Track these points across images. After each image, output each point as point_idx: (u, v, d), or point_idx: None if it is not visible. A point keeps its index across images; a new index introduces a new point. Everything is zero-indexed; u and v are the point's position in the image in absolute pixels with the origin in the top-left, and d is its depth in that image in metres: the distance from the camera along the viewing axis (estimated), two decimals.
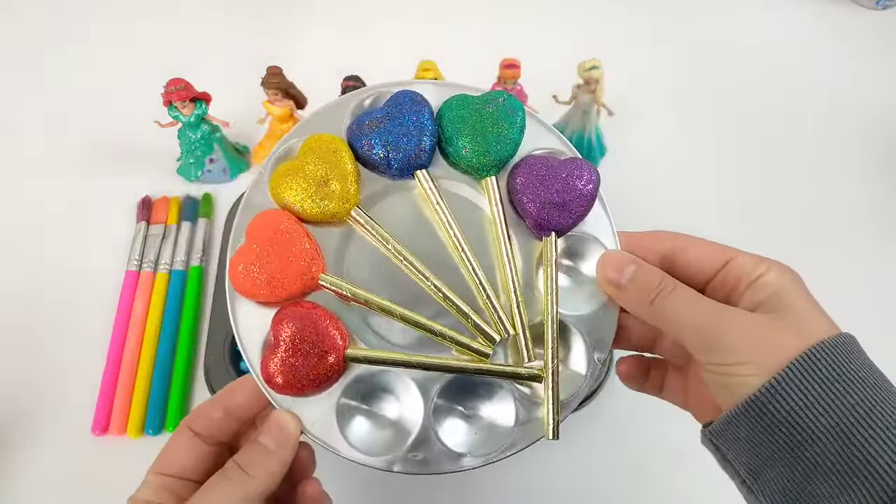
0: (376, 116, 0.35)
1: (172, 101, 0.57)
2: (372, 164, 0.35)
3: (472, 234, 0.35)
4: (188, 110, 0.58)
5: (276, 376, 0.32)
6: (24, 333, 0.56)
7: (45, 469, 0.50)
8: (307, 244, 0.33)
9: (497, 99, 0.36)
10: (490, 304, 0.34)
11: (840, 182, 0.66)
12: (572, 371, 0.35)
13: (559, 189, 0.35)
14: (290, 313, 0.32)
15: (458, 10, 0.79)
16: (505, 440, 0.33)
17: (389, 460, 0.32)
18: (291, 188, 0.34)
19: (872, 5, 0.79)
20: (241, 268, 0.33)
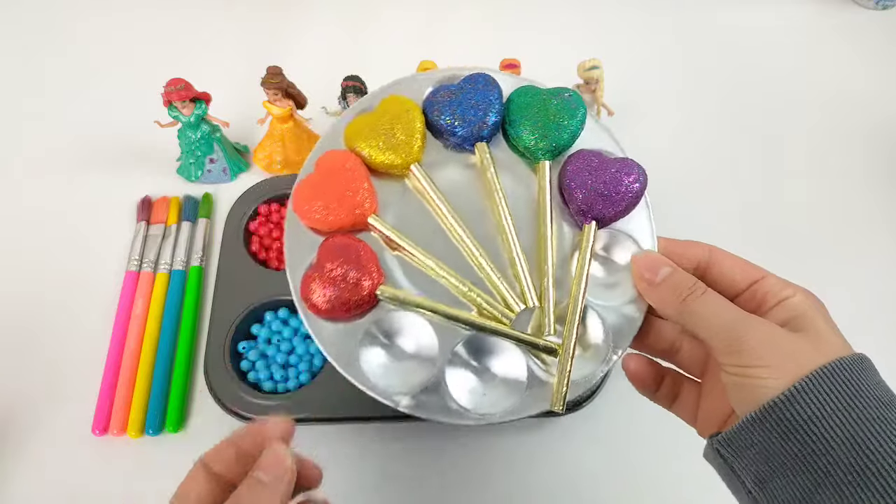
0: (451, 89, 0.39)
1: (172, 100, 0.57)
2: (439, 130, 0.38)
3: (517, 212, 0.37)
4: (188, 110, 0.58)
5: (313, 295, 0.34)
6: (25, 333, 0.56)
7: (46, 469, 0.50)
8: (365, 184, 0.37)
9: (563, 94, 0.39)
10: (522, 275, 0.36)
11: (842, 182, 0.66)
12: (589, 355, 0.36)
13: (607, 181, 0.36)
14: (336, 241, 0.36)
15: (458, 10, 0.79)
16: (510, 405, 0.34)
17: (397, 398, 0.34)
18: (363, 136, 0.37)
19: (872, 5, 0.79)
20: (304, 192, 0.37)
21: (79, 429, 0.51)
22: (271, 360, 0.53)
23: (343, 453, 0.51)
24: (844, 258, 0.58)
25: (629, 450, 0.52)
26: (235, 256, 0.57)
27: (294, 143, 0.62)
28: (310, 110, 0.61)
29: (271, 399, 0.51)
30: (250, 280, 0.56)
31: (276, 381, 0.52)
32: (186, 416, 0.52)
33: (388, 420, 0.51)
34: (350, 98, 0.57)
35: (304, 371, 0.52)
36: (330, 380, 0.51)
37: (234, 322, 0.53)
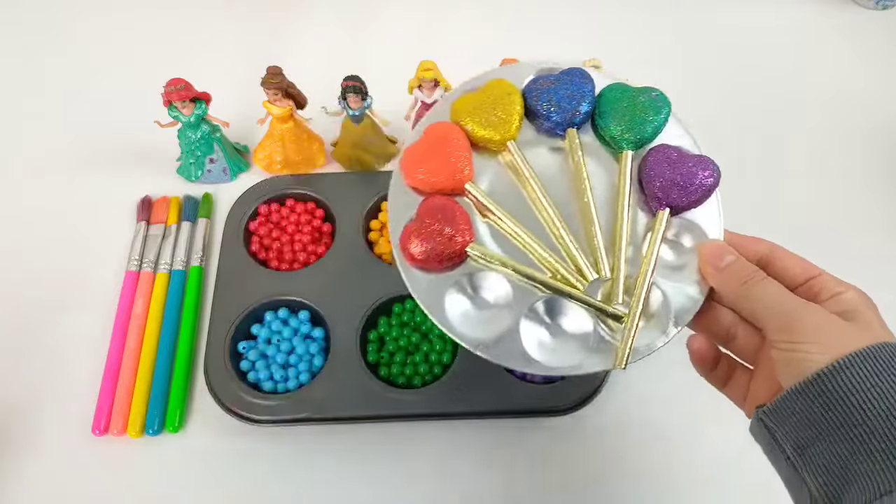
0: (550, 79, 0.43)
1: (172, 100, 0.57)
2: (535, 114, 0.42)
3: (597, 194, 0.41)
4: (188, 110, 0.58)
5: (411, 246, 0.38)
6: (25, 333, 0.56)
7: (46, 469, 0.50)
8: (466, 154, 0.41)
9: (651, 92, 0.42)
10: (599, 248, 0.39)
11: (842, 182, 0.66)
12: (651, 325, 0.39)
13: (683, 173, 0.40)
14: (436, 200, 0.40)
15: (458, 10, 0.79)
16: (575, 361, 0.38)
17: (475, 343, 0.38)
18: (468, 112, 0.42)
19: (872, 5, 0.79)
20: (412, 155, 0.41)
21: (79, 429, 0.51)
22: (271, 360, 0.53)
23: (343, 453, 0.51)
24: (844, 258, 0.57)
25: (629, 449, 0.52)
26: (235, 256, 0.57)
27: (294, 143, 0.62)
28: (310, 110, 0.61)
29: (271, 399, 0.51)
30: (250, 280, 0.56)
31: (276, 381, 0.52)
32: (186, 417, 0.52)
33: (387, 420, 0.51)
34: (350, 98, 0.57)
35: (304, 371, 0.52)
36: (330, 380, 0.51)
37: (234, 322, 0.53)
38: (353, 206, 0.60)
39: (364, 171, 0.63)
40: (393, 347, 0.53)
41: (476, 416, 0.51)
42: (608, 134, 0.42)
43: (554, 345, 0.39)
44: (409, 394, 0.51)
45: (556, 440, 0.52)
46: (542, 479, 0.50)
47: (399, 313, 0.55)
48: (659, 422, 0.53)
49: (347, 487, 0.50)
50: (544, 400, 0.50)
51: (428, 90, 0.58)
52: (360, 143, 0.61)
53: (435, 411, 0.50)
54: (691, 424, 0.53)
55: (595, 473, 0.51)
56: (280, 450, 0.51)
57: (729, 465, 0.51)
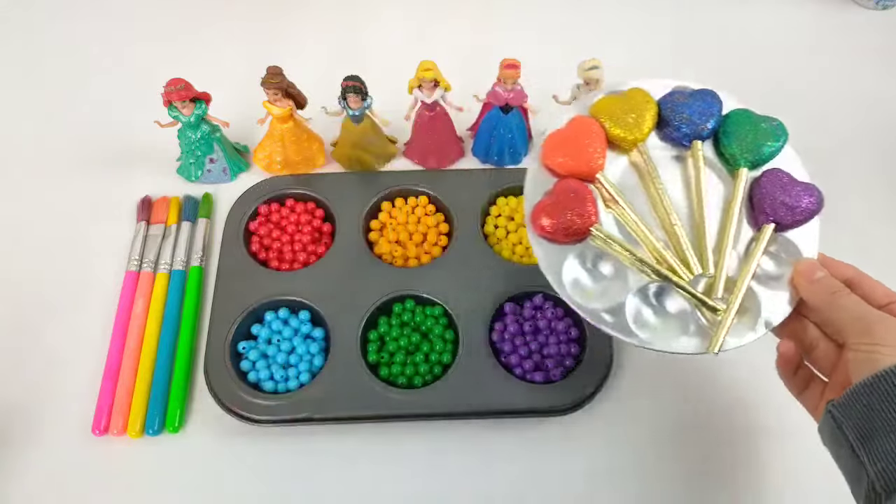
0: (685, 94, 0.48)
1: (172, 100, 0.57)
2: (667, 123, 0.48)
3: (709, 201, 0.46)
4: (188, 110, 0.58)
5: (542, 217, 0.44)
6: (25, 333, 0.56)
7: (46, 469, 0.50)
8: (601, 147, 0.46)
9: (772, 121, 0.48)
10: (706, 248, 0.44)
11: (842, 182, 0.65)
12: (744, 321, 0.44)
13: (791, 196, 0.45)
14: (570, 182, 0.45)
15: (458, 10, 0.79)
16: (672, 342, 0.43)
17: (583, 307, 0.44)
18: (606, 112, 0.47)
19: (872, 5, 0.79)
20: (554, 140, 0.47)
21: (79, 429, 0.51)
22: (271, 359, 0.53)
23: (343, 452, 0.51)
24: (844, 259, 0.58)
25: (628, 449, 0.52)
26: (236, 256, 0.57)
27: (294, 144, 0.62)
28: (310, 110, 0.61)
29: (271, 399, 0.51)
30: (250, 280, 0.56)
31: (277, 381, 0.52)
32: (187, 417, 0.52)
33: (388, 419, 0.51)
34: (350, 98, 0.57)
35: (305, 371, 0.52)
36: (330, 380, 0.51)
37: (235, 322, 0.53)
38: (353, 206, 0.60)
39: (364, 171, 0.63)
40: (393, 347, 0.53)
41: (476, 416, 0.51)
42: (728, 151, 0.47)
43: (655, 324, 0.44)
44: (410, 394, 0.51)
45: (557, 440, 0.52)
46: (543, 478, 0.50)
47: (399, 313, 0.55)
48: (658, 421, 0.53)
49: (348, 487, 0.50)
50: (544, 400, 0.51)
51: (428, 90, 0.58)
52: (360, 144, 0.61)
53: (435, 411, 0.50)
54: (691, 423, 0.53)
55: (595, 472, 0.51)
56: (280, 450, 0.51)
57: (728, 465, 0.51)
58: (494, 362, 0.52)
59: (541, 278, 0.55)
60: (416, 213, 0.60)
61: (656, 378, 0.54)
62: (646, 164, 0.47)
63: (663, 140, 0.49)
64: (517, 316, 0.55)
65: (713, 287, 0.44)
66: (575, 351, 0.53)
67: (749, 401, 0.54)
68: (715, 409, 0.54)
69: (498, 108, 0.60)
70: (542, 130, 0.47)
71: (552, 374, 0.52)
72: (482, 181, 0.62)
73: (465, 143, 0.66)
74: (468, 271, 0.56)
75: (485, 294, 0.55)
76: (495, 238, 0.59)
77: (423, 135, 0.62)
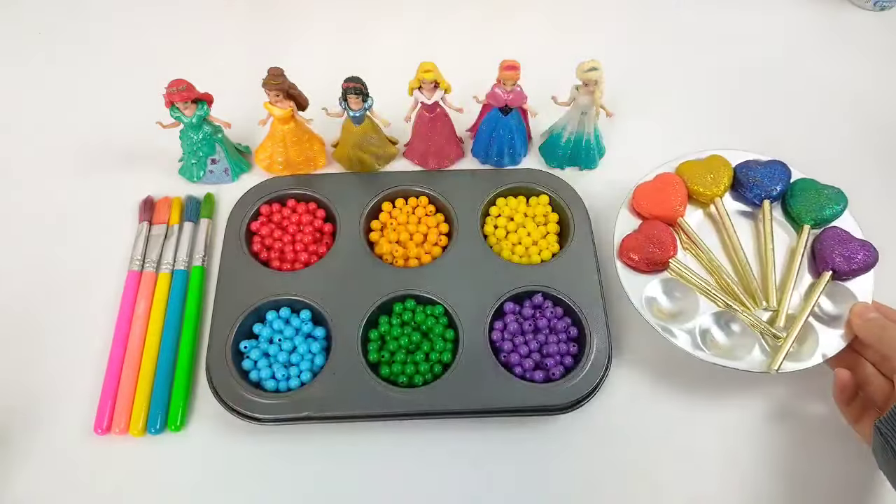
0: (760, 162, 0.59)
1: (174, 101, 0.57)
2: (742, 184, 0.58)
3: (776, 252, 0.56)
4: (190, 111, 0.58)
5: (629, 252, 0.54)
6: (27, 333, 0.56)
7: (48, 468, 0.50)
8: (683, 198, 0.57)
9: (833, 189, 0.57)
10: (773, 286, 0.53)
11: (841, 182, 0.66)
12: (802, 349, 0.51)
13: (849, 249, 0.53)
14: (655, 222, 0.56)
15: (458, 11, 0.79)
16: (736, 360, 0.50)
17: (663, 327, 0.51)
18: (689, 170, 0.58)
19: (870, 6, 0.79)
20: (644, 189, 0.57)
21: (81, 428, 0.52)
22: (273, 359, 0.53)
23: (343, 451, 0.52)
24: None
25: (627, 448, 0.52)
26: (237, 256, 0.57)
27: (295, 145, 0.62)
28: (310, 111, 0.61)
29: (273, 398, 0.51)
30: (252, 280, 0.56)
31: (278, 380, 0.52)
32: (189, 416, 0.53)
33: (388, 418, 0.51)
34: (351, 99, 0.57)
35: (306, 370, 0.53)
36: (331, 378, 0.52)
37: (236, 321, 0.54)
38: (353, 206, 0.60)
39: (365, 172, 0.64)
40: (394, 346, 0.53)
41: (477, 414, 0.51)
42: (795, 211, 0.57)
43: (722, 344, 0.52)
44: (410, 393, 0.51)
45: (557, 438, 0.52)
46: (543, 476, 0.51)
47: (400, 312, 0.55)
48: (658, 419, 0.53)
49: (348, 486, 0.50)
50: (544, 398, 0.51)
51: (428, 91, 0.58)
52: (361, 144, 0.62)
53: (436, 410, 0.51)
54: (690, 423, 0.53)
55: (595, 471, 0.51)
56: (282, 448, 0.52)
57: (728, 463, 0.51)
58: (494, 361, 0.52)
59: (540, 278, 0.56)
60: (417, 214, 0.61)
61: (656, 377, 0.55)
62: (720, 216, 0.57)
63: (736, 199, 0.59)
64: (517, 315, 0.55)
65: (776, 319, 0.52)
66: (574, 350, 0.54)
67: None
68: (714, 407, 0.54)
69: (497, 109, 0.60)
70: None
71: (552, 373, 0.52)
72: (482, 182, 0.62)
73: (464, 144, 0.67)
74: (468, 271, 0.57)
75: (485, 293, 0.55)
76: (495, 238, 0.60)
77: (424, 136, 0.63)
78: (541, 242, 0.59)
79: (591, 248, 0.58)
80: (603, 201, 0.62)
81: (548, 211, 0.61)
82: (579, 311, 0.54)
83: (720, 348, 0.51)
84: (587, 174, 0.66)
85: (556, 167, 0.66)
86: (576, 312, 0.54)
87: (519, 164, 0.65)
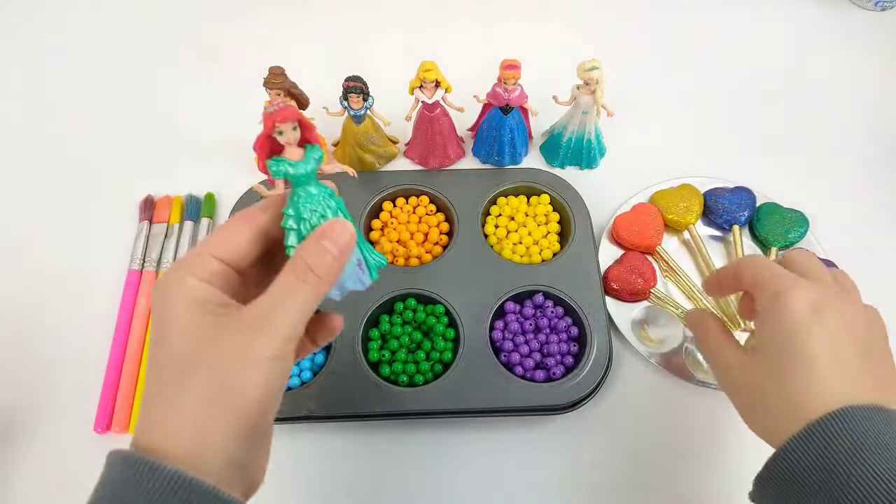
0: (727, 189, 0.62)
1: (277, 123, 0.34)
2: (712, 211, 0.61)
3: None
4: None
5: (611, 282, 0.57)
6: (27, 332, 0.56)
7: (48, 467, 0.50)
8: (660, 228, 0.60)
9: (796, 212, 0.61)
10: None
11: (841, 182, 0.66)
12: None
13: None
14: (635, 253, 0.59)
15: (458, 11, 0.79)
16: None
17: (651, 354, 0.55)
18: (663, 200, 0.61)
19: (871, 6, 0.79)
20: (623, 220, 0.60)
21: (81, 427, 0.52)
22: None
23: (343, 450, 0.52)
24: (845, 260, 0.58)
25: (628, 448, 0.52)
26: None
27: None
28: (311, 110, 0.61)
29: None
30: None
31: None
32: None
33: (388, 417, 0.51)
34: (351, 98, 0.57)
35: (307, 369, 0.52)
36: (332, 377, 0.52)
37: None
38: (354, 205, 0.60)
39: (365, 171, 0.64)
40: (395, 346, 0.53)
41: (477, 413, 0.51)
42: (761, 234, 0.60)
43: (707, 366, 0.54)
44: (411, 392, 0.51)
45: (558, 437, 0.52)
46: (544, 475, 0.51)
47: (401, 311, 0.55)
48: (659, 420, 0.53)
49: (348, 484, 0.50)
50: (545, 398, 0.51)
51: (429, 91, 0.58)
52: (362, 144, 0.62)
53: (436, 409, 0.51)
54: (691, 422, 0.53)
55: (596, 470, 0.51)
56: (281, 447, 0.51)
57: (727, 462, 0.51)
58: (495, 361, 0.52)
59: (541, 277, 0.56)
60: (418, 213, 0.61)
61: (656, 376, 0.55)
62: (695, 243, 0.60)
63: (707, 225, 0.62)
64: (518, 315, 0.55)
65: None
66: (575, 349, 0.54)
67: None
68: (715, 407, 0.54)
69: (498, 109, 0.60)
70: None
71: (553, 373, 0.52)
72: (483, 181, 0.62)
73: (465, 144, 0.67)
74: (469, 270, 0.56)
75: (486, 293, 0.55)
76: (496, 238, 0.60)
77: (424, 135, 0.63)
78: (542, 242, 0.59)
79: (591, 248, 0.58)
80: (604, 201, 0.62)
81: (549, 210, 0.61)
82: (580, 311, 0.54)
83: (706, 370, 0.54)
84: (588, 174, 0.66)
85: (557, 167, 0.66)
86: (576, 312, 0.54)
87: (520, 163, 0.65)
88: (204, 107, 0.70)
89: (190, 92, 0.71)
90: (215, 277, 0.30)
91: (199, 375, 0.28)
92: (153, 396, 0.29)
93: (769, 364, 0.36)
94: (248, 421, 0.29)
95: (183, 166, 0.65)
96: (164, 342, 0.29)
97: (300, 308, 0.30)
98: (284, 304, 0.29)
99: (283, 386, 0.31)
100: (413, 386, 0.52)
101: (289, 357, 0.30)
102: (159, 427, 0.28)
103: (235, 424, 0.28)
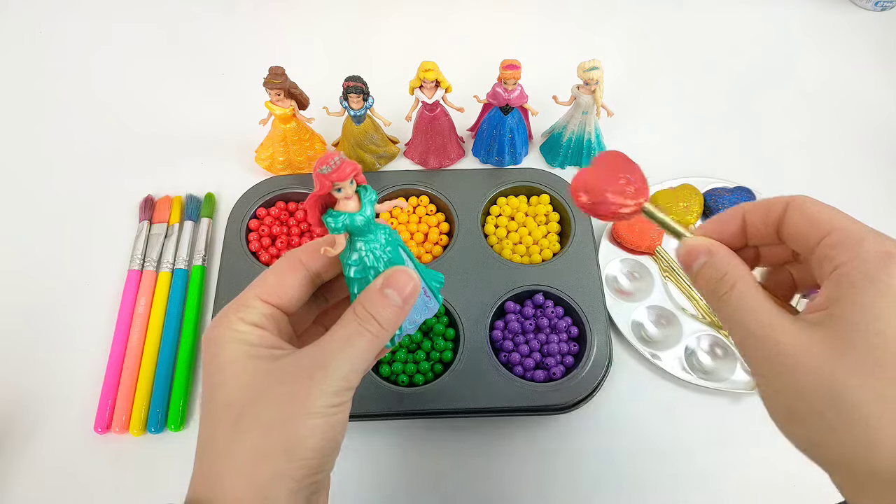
0: (727, 190, 0.62)
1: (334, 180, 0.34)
2: (711, 210, 0.61)
3: None
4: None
5: (581, 193, 0.33)
6: (28, 332, 0.56)
7: (48, 467, 0.50)
8: (655, 230, 0.58)
9: None
10: None
11: (842, 182, 0.66)
12: None
13: None
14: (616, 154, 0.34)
15: (459, 11, 0.79)
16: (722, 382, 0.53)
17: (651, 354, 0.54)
18: (664, 201, 0.61)
19: (871, 6, 0.79)
20: (621, 224, 0.59)
21: (81, 427, 0.52)
22: None
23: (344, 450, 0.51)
24: None
25: (628, 447, 0.52)
26: (238, 256, 0.57)
27: (296, 144, 0.62)
28: (311, 110, 0.61)
29: None
30: (252, 279, 0.56)
31: None
32: (188, 415, 0.52)
33: (388, 417, 0.51)
34: (352, 98, 0.57)
35: None
36: None
37: None
38: None
39: (365, 171, 0.64)
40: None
41: (478, 413, 0.51)
42: None
43: (707, 366, 0.55)
44: (411, 392, 0.51)
45: (558, 437, 0.52)
46: (544, 475, 0.51)
47: None
48: (659, 419, 0.53)
49: (348, 485, 0.50)
50: (546, 398, 0.51)
51: (429, 91, 0.58)
52: (362, 144, 0.62)
53: (436, 409, 0.51)
54: (692, 422, 0.53)
55: (596, 470, 0.51)
56: None
57: (726, 462, 0.51)
58: (495, 360, 0.52)
59: (541, 277, 0.56)
60: (418, 213, 0.61)
61: (657, 376, 0.55)
62: None
63: None
64: (518, 314, 0.55)
65: None
66: (575, 349, 0.54)
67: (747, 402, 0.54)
68: (715, 406, 0.54)
69: (498, 109, 0.60)
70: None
71: (553, 373, 0.52)
72: (483, 181, 0.62)
73: (465, 144, 0.67)
74: (469, 270, 0.56)
75: (486, 293, 0.55)
76: (496, 238, 0.60)
77: (424, 135, 0.63)
78: (542, 242, 0.59)
79: (591, 248, 0.58)
80: None
81: (549, 210, 0.61)
82: (580, 311, 0.54)
83: (705, 371, 0.54)
84: None
85: (557, 166, 0.66)
86: (576, 312, 0.54)
87: (520, 163, 0.65)
88: (204, 107, 0.70)
89: (190, 92, 0.71)
90: (265, 321, 0.30)
91: (253, 427, 0.27)
92: (207, 448, 0.28)
93: (866, 358, 0.23)
94: (306, 472, 0.28)
95: (183, 166, 0.66)
96: (217, 389, 0.28)
97: (359, 357, 0.29)
98: (343, 353, 0.29)
99: (341, 435, 0.30)
100: (413, 386, 0.52)
101: (346, 405, 0.29)
102: (216, 480, 0.28)
103: (290, 477, 0.27)
